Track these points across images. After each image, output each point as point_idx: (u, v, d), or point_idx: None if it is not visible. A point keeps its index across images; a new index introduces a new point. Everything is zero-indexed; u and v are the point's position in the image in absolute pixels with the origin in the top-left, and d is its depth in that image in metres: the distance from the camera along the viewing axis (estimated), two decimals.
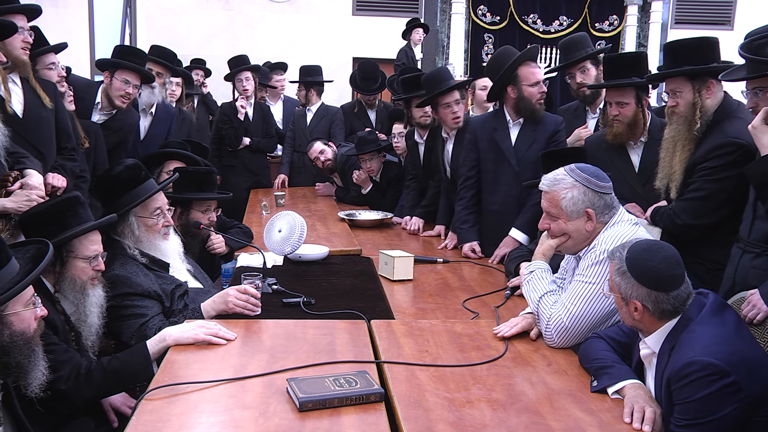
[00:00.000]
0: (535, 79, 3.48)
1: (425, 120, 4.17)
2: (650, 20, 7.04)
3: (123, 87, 3.99)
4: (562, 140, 3.59)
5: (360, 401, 1.84)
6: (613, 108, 3.12)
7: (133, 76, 4.03)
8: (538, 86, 3.49)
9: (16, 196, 2.74)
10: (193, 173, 3.45)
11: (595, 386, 1.97)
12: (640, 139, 3.13)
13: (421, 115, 4.18)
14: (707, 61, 2.73)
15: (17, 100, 3.16)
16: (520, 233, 3.44)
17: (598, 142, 3.27)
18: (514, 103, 3.52)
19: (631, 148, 3.16)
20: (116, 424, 2.44)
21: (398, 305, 2.77)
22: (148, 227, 2.78)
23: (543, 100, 3.55)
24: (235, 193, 4.39)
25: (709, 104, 2.74)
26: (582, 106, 3.99)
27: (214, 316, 2.51)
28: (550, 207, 2.37)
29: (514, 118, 3.56)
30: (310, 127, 5.86)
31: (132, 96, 4.11)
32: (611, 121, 3.14)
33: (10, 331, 1.86)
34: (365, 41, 9.09)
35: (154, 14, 9.17)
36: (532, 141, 3.52)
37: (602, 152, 3.17)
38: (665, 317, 1.90)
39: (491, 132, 3.59)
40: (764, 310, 2.26)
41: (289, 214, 3.38)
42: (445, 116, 3.82)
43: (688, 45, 2.79)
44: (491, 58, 3.71)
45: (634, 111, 3.08)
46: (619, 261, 1.94)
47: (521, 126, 3.55)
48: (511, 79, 3.49)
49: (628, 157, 3.18)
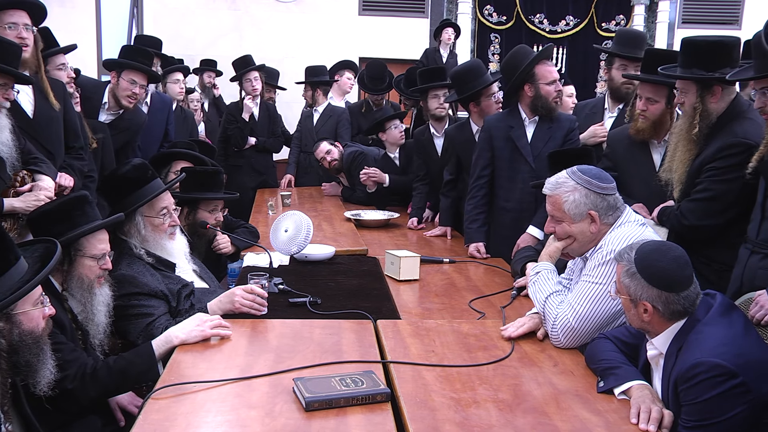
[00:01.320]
0: (552, 77, 3.51)
1: (440, 112, 4.17)
2: (657, 20, 7.03)
3: (130, 87, 4.01)
4: (576, 138, 3.60)
5: (366, 401, 1.85)
6: (642, 102, 3.08)
7: (140, 76, 4.04)
8: (555, 84, 3.52)
9: (26, 197, 2.76)
10: (200, 173, 3.46)
11: (602, 387, 1.97)
12: (664, 139, 3.12)
13: (437, 107, 4.18)
14: (717, 66, 2.67)
15: (27, 100, 3.17)
16: (537, 230, 3.43)
17: (621, 137, 3.25)
18: (530, 101, 3.54)
19: (654, 147, 3.15)
20: (123, 423, 2.45)
21: (404, 305, 2.77)
22: (155, 227, 2.79)
23: (559, 98, 3.58)
24: (242, 192, 4.39)
25: (713, 108, 2.71)
26: (601, 104, 3.98)
27: (220, 316, 2.51)
28: (554, 210, 2.38)
29: (530, 116, 3.57)
30: (316, 128, 5.87)
31: (139, 96, 4.13)
32: (637, 116, 3.12)
33: (19, 330, 1.87)
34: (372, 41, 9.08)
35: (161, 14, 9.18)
36: (548, 138, 3.53)
37: (624, 148, 3.16)
38: (675, 318, 1.90)
39: (507, 130, 3.60)
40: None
41: (295, 213, 3.39)
42: (489, 107, 3.83)
43: (700, 46, 2.72)
44: (506, 57, 3.71)
45: (662, 110, 3.06)
46: (628, 262, 1.94)
47: (537, 124, 3.57)
48: (529, 77, 3.51)
49: (650, 155, 3.15)
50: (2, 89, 2.77)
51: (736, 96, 2.77)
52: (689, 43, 2.77)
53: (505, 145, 3.60)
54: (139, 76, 4.04)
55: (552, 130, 3.54)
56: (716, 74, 2.67)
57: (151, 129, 4.57)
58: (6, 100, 2.81)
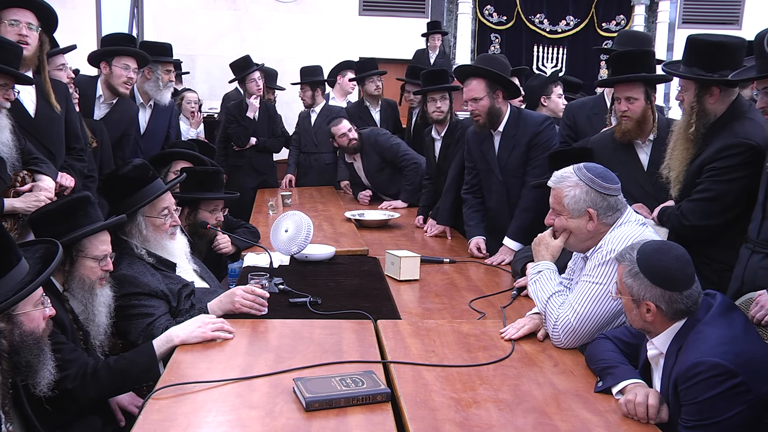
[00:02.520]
0: (465, 97, 3.65)
1: (438, 115, 4.26)
2: (657, 20, 7.02)
3: (124, 73, 4.04)
4: (547, 138, 3.57)
5: (366, 401, 1.85)
6: (622, 104, 3.11)
7: (132, 60, 4.09)
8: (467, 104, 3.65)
9: (26, 197, 2.76)
10: (200, 173, 3.46)
11: (600, 386, 1.97)
12: (648, 138, 3.12)
13: (434, 110, 4.27)
14: (717, 68, 2.67)
15: (29, 99, 3.17)
16: (512, 242, 3.52)
17: (604, 142, 3.26)
18: None
19: (639, 146, 3.16)
20: (123, 423, 2.45)
21: (405, 305, 2.77)
22: (156, 227, 2.79)
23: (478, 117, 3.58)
24: (242, 192, 4.40)
25: (711, 108, 2.71)
26: (601, 104, 3.91)
27: (220, 316, 2.51)
28: (555, 203, 2.40)
29: (495, 128, 3.63)
30: (314, 128, 5.88)
31: (133, 80, 4.17)
32: (620, 118, 3.14)
33: (20, 331, 1.87)
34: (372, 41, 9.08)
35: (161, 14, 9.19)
36: (512, 147, 3.58)
37: (609, 152, 3.16)
38: (677, 317, 1.90)
39: (479, 144, 3.72)
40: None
41: (295, 214, 3.39)
42: None
43: (702, 46, 2.72)
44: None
45: (643, 107, 3.08)
46: (630, 263, 1.94)
47: (501, 135, 3.62)
48: None
49: (636, 155, 3.16)
50: (2, 89, 2.77)
51: (737, 97, 2.77)
52: (692, 42, 2.78)
53: (479, 157, 3.74)
54: (131, 60, 4.08)
55: (516, 138, 3.57)
56: (716, 75, 2.66)
57: (154, 132, 4.57)
58: (6, 101, 2.81)
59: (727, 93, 2.73)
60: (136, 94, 4.49)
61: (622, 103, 3.11)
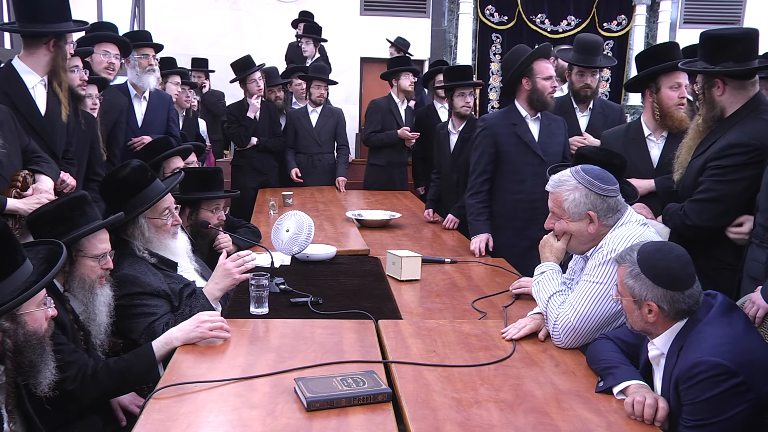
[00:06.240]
0: (548, 73, 3.65)
1: (466, 110, 4.41)
2: (659, 20, 7.00)
3: (104, 59, 4.13)
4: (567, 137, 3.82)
5: (368, 401, 1.85)
6: (681, 89, 3.12)
7: (111, 46, 4.15)
8: (551, 80, 3.63)
9: (28, 199, 2.77)
10: (200, 173, 3.47)
11: (601, 386, 1.97)
12: (662, 135, 3.13)
13: (463, 105, 4.41)
14: (717, 60, 2.68)
15: (42, 97, 3.18)
16: None
17: (616, 136, 3.29)
18: (527, 95, 3.66)
19: (653, 141, 3.17)
20: (124, 423, 2.46)
21: (406, 305, 2.77)
22: (158, 228, 2.80)
23: (552, 94, 3.68)
24: (243, 192, 4.41)
25: (719, 101, 2.73)
26: (570, 103, 4.14)
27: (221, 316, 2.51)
28: (554, 207, 2.41)
29: (530, 112, 3.69)
30: (316, 128, 5.87)
31: (116, 66, 4.23)
32: (677, 106, 3.14)
33: (24, 331, 1.87)
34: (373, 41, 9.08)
35: (163, 14, 9.20)
36: (550, 133, 3.71)
37: (620, 146, 3.18)
38: (679, 317, 1.90)
39: (510, 127, 3.71)
40: (764, 307, 2.24)
41: (296, 213, 3.39)
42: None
43: (704, 39, 2.75)
44: (506, 55, 3.84)
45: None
46: (631, 264, 1.94)
47: (540, 120, 3.70)
48: (527, 71, 3.62)
49: (647, 151, 3.17)
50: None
51: (757, 93, 2.74)
52: (700, 36, 2.81)
53: (511, 141, 3.69)
54: (111, 47, 4.15)
55: (551, 127, 3.72)
56: (717, 68, 2.67)
57: (151, 124, 4.58)
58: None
59: (738, 87, 2.71)
60: (129, 88, 4.54)
61: (682, 89, 3.13)
